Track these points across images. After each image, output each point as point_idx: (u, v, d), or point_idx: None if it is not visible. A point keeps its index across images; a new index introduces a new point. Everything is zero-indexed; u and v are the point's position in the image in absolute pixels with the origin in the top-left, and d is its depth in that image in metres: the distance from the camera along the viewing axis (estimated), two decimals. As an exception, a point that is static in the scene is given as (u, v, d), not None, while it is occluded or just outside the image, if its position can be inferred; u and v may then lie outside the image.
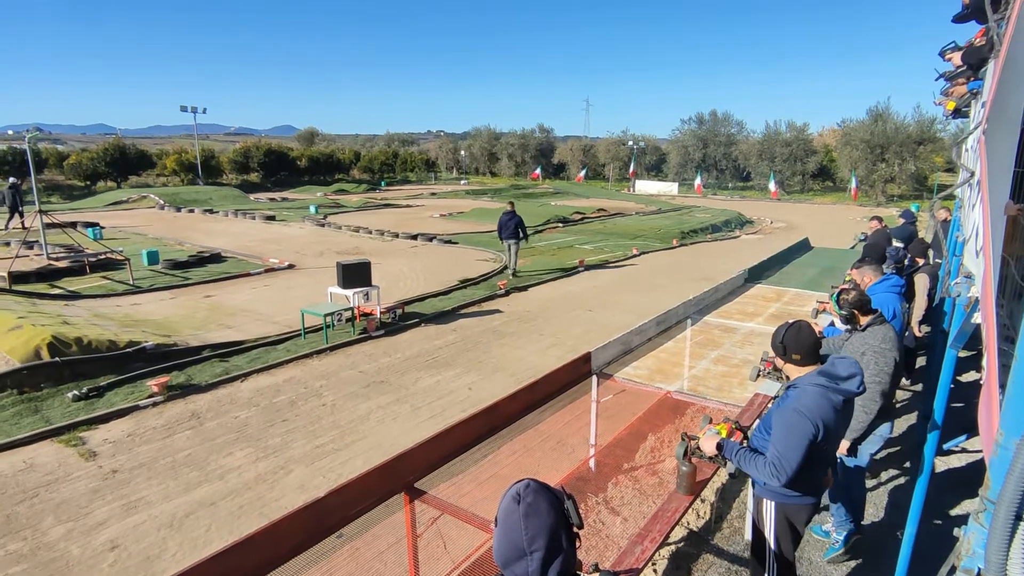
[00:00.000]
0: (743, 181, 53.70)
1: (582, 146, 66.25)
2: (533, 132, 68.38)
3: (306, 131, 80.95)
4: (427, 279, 13.71)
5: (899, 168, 42.41)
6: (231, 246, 17.83)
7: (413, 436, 6.12)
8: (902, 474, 5.42)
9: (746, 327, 6.68)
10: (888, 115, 44.17)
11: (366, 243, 19.42)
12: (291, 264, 15.24)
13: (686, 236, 22.62)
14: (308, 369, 8.10)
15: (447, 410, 6.82)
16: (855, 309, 4.16)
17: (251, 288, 12.82)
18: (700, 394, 4.84)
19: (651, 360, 5.41)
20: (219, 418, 6.57)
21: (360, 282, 10.00)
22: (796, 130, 49.97)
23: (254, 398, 7.13)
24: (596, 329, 9.96)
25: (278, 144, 56.66)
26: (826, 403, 2.52)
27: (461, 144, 74.49)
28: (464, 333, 9.78)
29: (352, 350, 8.89)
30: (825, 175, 50.00)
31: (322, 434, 6.22)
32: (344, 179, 54.02)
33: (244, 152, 48.98)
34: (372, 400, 7.08)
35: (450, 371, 8.03)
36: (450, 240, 19.57)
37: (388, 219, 26.05)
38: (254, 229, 22.68)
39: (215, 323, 10.08)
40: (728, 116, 55.38)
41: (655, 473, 4.83)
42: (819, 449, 2.54)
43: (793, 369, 2.79)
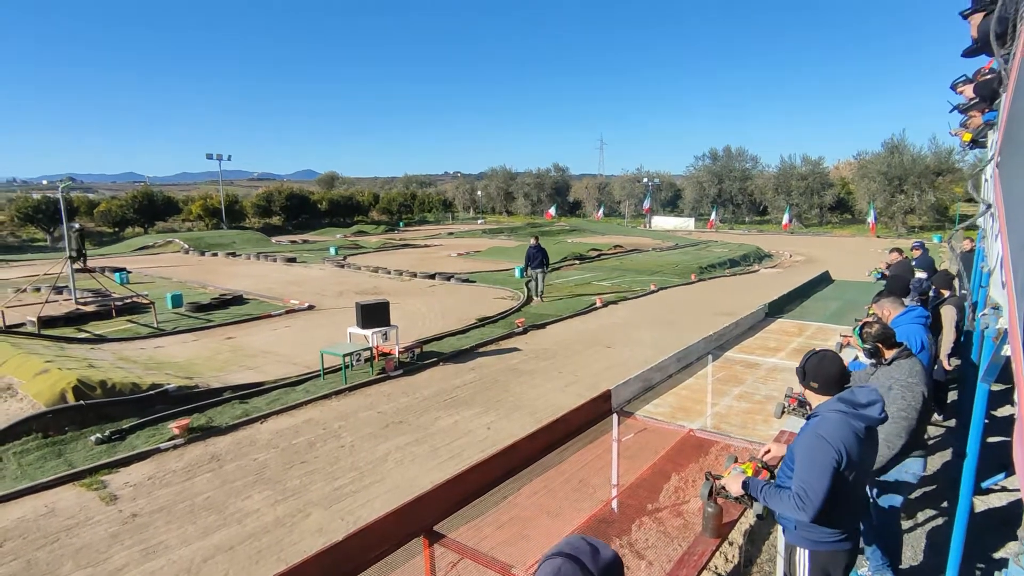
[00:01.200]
0: (760, 215, 53.57)
1: (597, 184, 66.93)
2: (548, 171, 69.30)
3: (327, 175, 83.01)
4: (445, 318, 13.76)
5: (918, 199, 42.00)
6: (253, 288, 18.13)
7: (432, 477, 6.05)
8: (939, 514, 5.19)
9: (769, 362, 6.55)
10: (904, 147, 44.02)
11: (385, 283, 19.62)
12: (311, 305, 15.42)
13: (704, 271, 22.49)
14: (327, 410, 8.09)
15: (466, 451, 6.73)
16: (879, 343, 4.07)
17: (272, 329, 12.97)
18: (724, 432, 4.72)
19: (672, 397, 5.31)
20: (238, 460, 6.56)
21: (379, 322, 10.07)
22: (811, 163, 49.94)
23: (273, 440, 7.12)
24: (616, 366, 9.85)
25: (299, 188, 58.13)
26: (847, 429, 2.48)
27: (478, 184, 75.69)
28: (482, 372, 9.73)
29: (371, 390, 8.89)
30: (843, 207, 49.69)
31: (341, 476, 6.17)
32: (363, 221, 55.06)
33: (267, 196, 50.32)
34: (391, 441, 7.03)
35: (469, 410, 7.97)
36: (468, 279, 19.69)
37: (406, 259, 26.35)
38: (275, 271, 23.08)
39: (236, 365, 10.17)
40: (742, 151, 55.67)
41: (680, 514, 4.69)
42: (845, 480, 2.47)
43: (813, 397, 2.79)
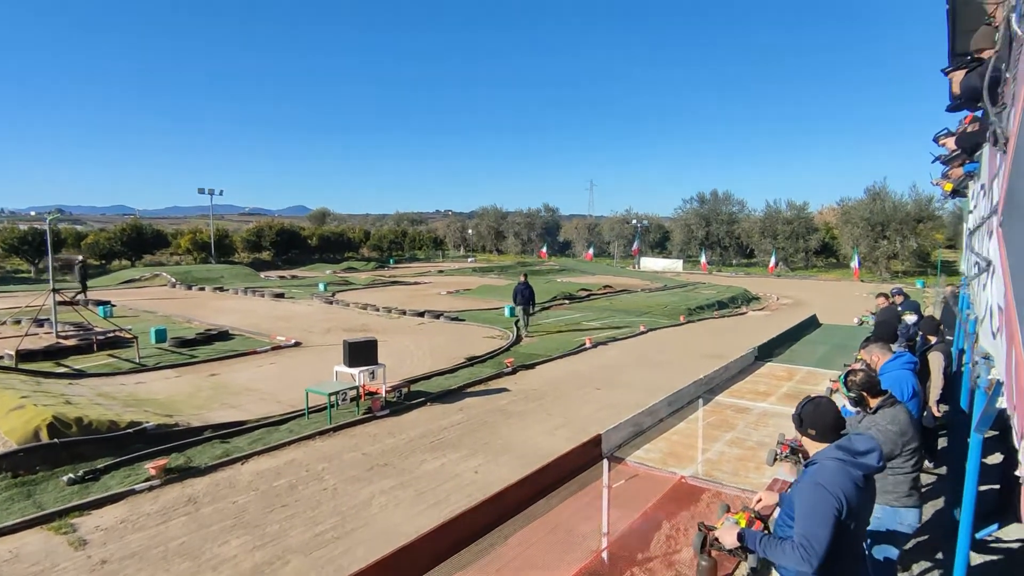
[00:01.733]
0: (747, 258, 54.27)
1: (587, 224, 67.74)
2: (539, 211, 70.18)
3: (318, 211, 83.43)
4: (434, 357, 13.62)
5: (901, 245, 42.87)
6: (239, 324, 17.92)
7: (417, 524, 5.86)
8: (935, 566, 5.09)
9: (759, 407, 6.50)
10: (886, 194, 45.19)
11: (373, 320, 19.48)
12: (298, 342, 15.23)
13: (693, 313, 22.57)
14: (310, 451, 7.89)
15: (452, 495, 6.55)
16: (864, 391, 4.07)
17: (257, 366, 12.75)
18: (715, 479, 4.64)
19: (663, 443, 5.23)
20: (216, 503, 6.33)
21: (366, 360, 9.93)
22: (796, 208, 50.99)
23: (254, 481, 6.90)
24: (605, 408, 9.74)
25: (290, 223, 58.31)
26: (846, 478, 2.45)
27: (468, 223, 76.34)
28: (470, 413, 9.58)
29: (356, 431, 8.70)
30: (828, 252, 50.53)
31: (322, 521, 5.96)
32: (353, 257, 55.06)
33: (257, 231, 50.36)
34: (375, 484, 6.84)
35: (456, 453, 7.80)
36: (457, 317, 19.60)
37: (396, 296, 26.27)
38: (263, 306, 22.87)
39: (218, 402, 9.95)
40: (729, 195, 56.78)
41: (671, 565, 4.56)
42: (846, 529, 2.42)
43: (810, 444, 2.76)
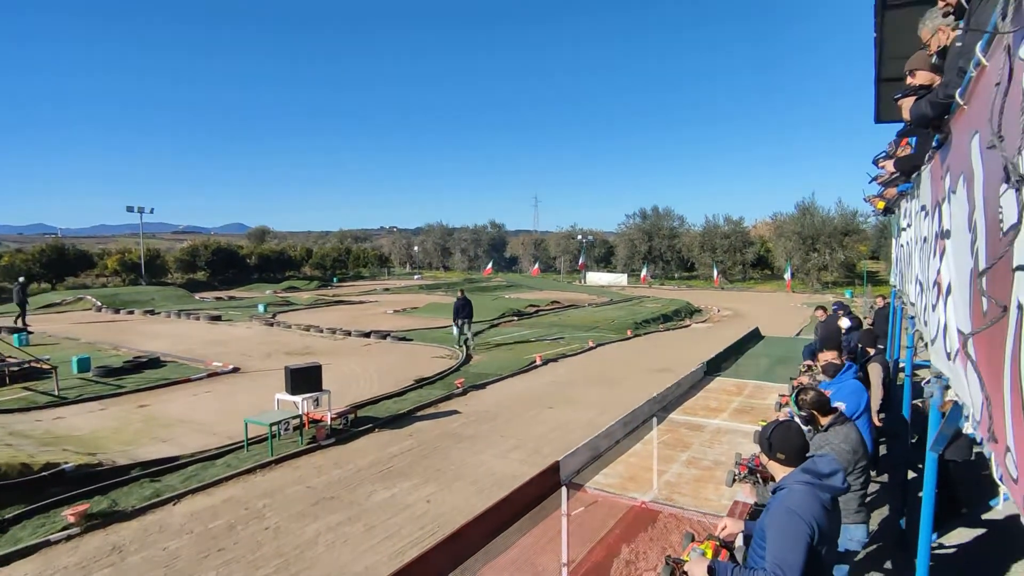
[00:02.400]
0: (688, 271, 55.93)
1: (533, 240, 68.28)
2: (485, 227, 70.33)
3: (257, 229, 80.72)
4: (381, 379, 13.22)
5: (830, 257, 45.25)
6: (172, 349, 16.93)
7: (366, 561, 5.57)
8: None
9: (713, 424, 6.56)
10: (815, 209, 47.70)
11: (317, 342, 18.82)
12: (236, 367, 14.48)
13: (639, 326, 22.95)
14: (250, 486, 7.42)
15: (404, 527, 6.27)
16: (814, 410, 4.15)
17: (191, 395, 12.02)
18: (675, 503, 4.60)
19: (621, 466, 5.16)
20: (145, 551, 5.82)
21: (310, 387, 9.49)
22: (733, 223, 53.07)
23: (187, 524, 6.40)
24: (559, 428, 9.66)
25: (228, 242, 56.03)
26: (816, 502, 2.43)
27: (414, 240, 75.64)
28: (421, 438, 9.29)
29: (300, 462, 8.26)
30: (764, 264, 52.73)
31: (264, 564, 5.56)
32: (295, 276, 53.36)
33: (192, 251, 48.08)
34: (321, 520, 6.47)
35: (406, 482, 7.51)
36: (404, 337, 19.20)
37: (340, 316, 25.53)
38: (198, 330, 21.74)
39: (148, 436, 9.27)
40: (670, 211, 58.52)
41: (633, 592, 4.45)
42: (817, 555, 2.39)
43: (777, 468, 2.71)
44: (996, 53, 1.24)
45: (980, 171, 1.68)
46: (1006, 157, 1.01)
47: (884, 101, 7.32)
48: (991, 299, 1.17)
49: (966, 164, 1.92)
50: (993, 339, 1.18)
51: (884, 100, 7.28)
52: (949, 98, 2.10)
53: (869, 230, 46.96)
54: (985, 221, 1.54)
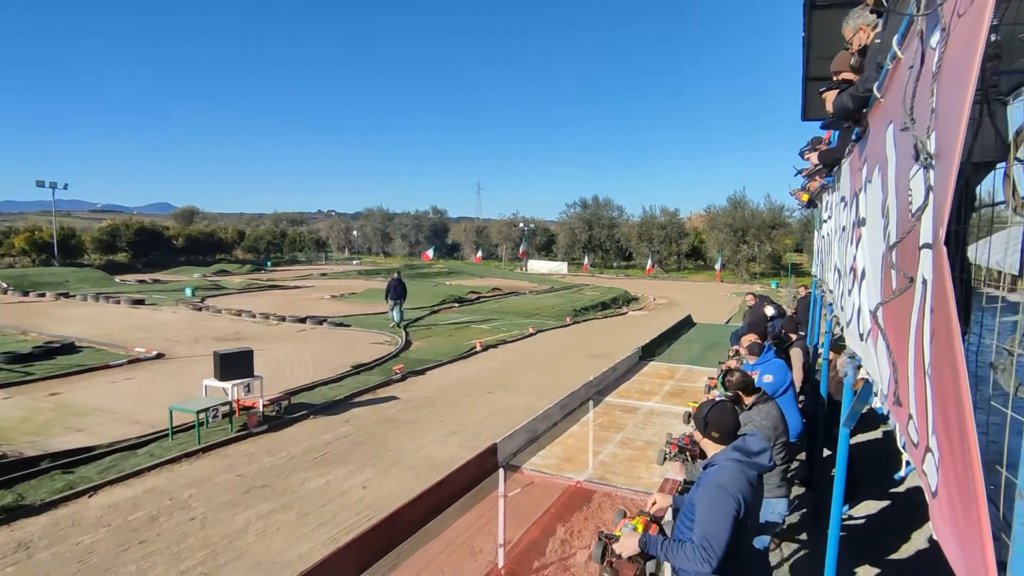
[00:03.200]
0: (626, 260, 57.25)
1: (475, 227, 68.00)
2: (427, 213, 69.47)
3: (184, 209, 76.61)
4: (317, 366, 12.88)
5: (759, 249, 47.42)
6: (89, 334, 15.88)
7: (299, 549, 5.45)
8: (800, 547, 5.55)
9: (646, 406, 6.76)
10: (745, 202, 49.78)
11: (249, 328, 18.11)
12: (160, 353, 13.75)
13: (579, 314, 23.34)
14: (175, 476, 7.08)
15: (339, 514, 6.17)
16: (739, 390, 4.37)
17: (110, 383, 11.33)
18: (609, 482, 4.72)
19: (558, 447, 5.25)
20: (56, 546, 5.46)
21: (241, 372, 9.13)
22: (669, 215, 54.65)
23: (104, 517, 6.05)
24: (498, 412, 9.72)
25: (152, 222, 52.97)
26: (743, 478, 2.54)
27: (353, 224, 73.85)
28: (357, 424, 9.13)
29: (229, 450, 7.96)
30: (697, 255, 54.64)
31: (189, 556, 5.34)
32: (226, 259, 51.08)
33: (111, 231, 45.17)
34: (252, 509, 6.26)
35: (342, 468, 7.37)
36: (342, 323, 18.76)
37: (274, 301, 24.66)
38: (118, 315, 20.49)
39: (60, 426, 8.68)
40: (609, 201, 59.57)
41: (567, 569, 4.55)
42: (743, 527, 2.51)
43: (710, 445, 2.82)
44: (911, 43, 1.31)
45: (893, 159, 1.78)
46: (916, 136, 1.07)
47: (811, 99, 7.69)
48: (900, 271, 1.25)
49: (881, 154, 2.04)
50: (900, 309, 1.26)
51: (811, 98, 7.65)
52: (868, 92, 2.22)
53: (794, 224, 49.43)
54: (897, 205, 1.63)
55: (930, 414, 1.09)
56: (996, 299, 1.36)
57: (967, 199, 1.91)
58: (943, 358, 0.99)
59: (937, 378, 1.05)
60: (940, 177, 0.96)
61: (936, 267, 0.96)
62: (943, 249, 0.89)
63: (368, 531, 3.06)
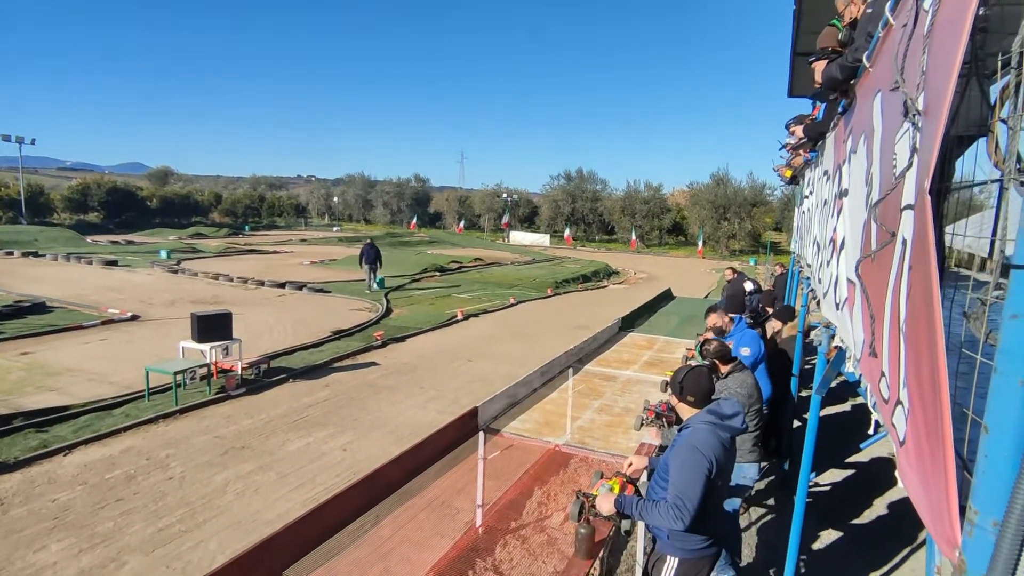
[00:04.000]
0: (608, 234, 57.39)
1: (458, 197, 67.37)
2: (409, 181, 68.52)
3: (159, 169, 74.62)
4: (296, 331, 12.80)
5: (739, 226, 47.85)
6: (60, 294, 15.54)
7: (279, 509, 5.49)
8: (768, 512, 5.75)
9: (624, 375, 6.88)
10: (727, 179, 50.02)
11: (226, 291, 17.88)
12: (135, 315, 13.54)
13: (559, 285, 23.45)
14: (152, 437, 7.05)
15: (319, 475, 6.22)
16: (716, 359, 4.47)
17: (83, 343, 11.15)
18: (587, 446, 4.82)
19: (538, 413, 5.33)
20: (30, 503, 5.44)
21: (219, 335, 9.05)
22: (652, 189, 54.71)
23: (80, 475, 6.02)
24: (477, 380, 9.80)
25: (125, 182, 51.48)
26: (716, 440, 2.61)
27: (334, 190, 72.66)
28: (337, 388, 9.14)
29: (207, 412, 7.93)
30: (679, 231, 54.97)
31: (167, 514, 5.36)
32: (202, 222, 50.05)
33: (82, 189, 43.85)
34: (230, 469, 6.28)
35: (322, 431, 7.40)
36: (322, 288, 18.61)
37: (252, 266, 24.32)
38: (90, 275, 20.05)
39: (32, 386, 8.55)
40: (593, 174, 59.34)
41: (543, 530, 4.67)
42: (714, 487, 2.60)
43: (686, 409, 2.89)
44: (904, 6, 1.32)
45: (879, 127, 1.80)
46: (906, 93, 1.09)
47: (798, 75, 7.69)
48: (882, 226, 1.29)
49: (867, 123, 2.06)
50: (880, 268, 1.30)
51: (798, 74, 7.64)
52: (857, 61, 2.24)
53: (775, 202, 49.91)
54: (881, 172, 1.66)
55: (902, 368, 1.13)
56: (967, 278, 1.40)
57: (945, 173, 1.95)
58: (920, 313, 1.02)
59: (912, 333, 1.09)
60: (926, 134, 0.98)
61: (918, 222, 0.99)
62: (927, 200, 0.92)
63: (349, 488, 3.10)
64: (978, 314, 0.85)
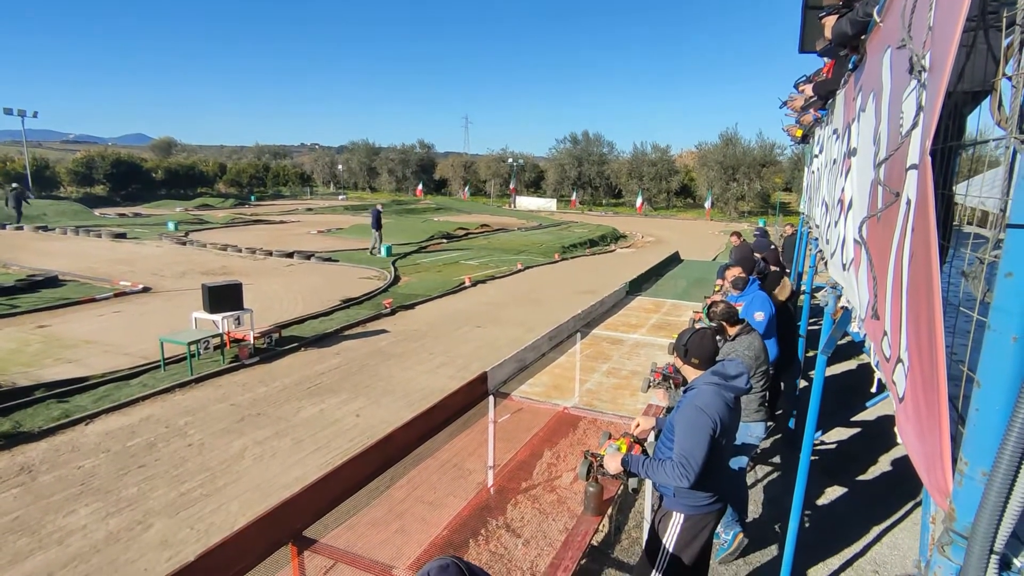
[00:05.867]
0: (615, 198, 56.86)
1: (463, 162, 66.71)
2: (413, 147, 67.82)
3: (162, 140, 74.32)
4: (306, 300, 12.93)
5: (748, 187, 47.22)
6: (72, 268, 15.71)
7: (295, 473, 5.65)
8: (773, 470, 5.86)
9: (632, 338, 6.94)
10: (737, 139, 49.08)
11: (235, 262, 18.00)
12: (146, 287, 13.69)
13: (567, 250, 23.40)
14: (170, 405, 7.23)
15: (333, 440, 6.37)
16: (724, 321, 4.50)
17: (97, 315, 11.32)
18: (595, 408, 4.90)
19: (546, 376, 5.41)
20: (57, 470, 5.63)
21: (230, 305, 9.16)
22: (660, 151, 53.87)
23: (103, 443, 6.21)
24: (486, 345, 9.90)
25: (128, 154, 51.26)
26: (720, 400, 2.66)
27: (338, 158, 72.10)
28: (349, 356, 9.28)
29: (222, 381, 8.09)
30: (687, 193, 54.35)
31: (188, 479, 5.54)
32: (208, 193, 49.96)
33: (87, 162, 43.69)
34: (247, 436, 6.45)
35: (335, 398, 7.55)
36: (330, 258, 18.69)
37: (260, 236, 24.39)
38: (100, 248, 20.21)
39: (51, 357, 8.74)
40: (599, 137, 58.37)
41: (553, 490, 4.80)
42: (718, 446, 2.66)
43: (691, 371, 2.93)
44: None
45: (888, 85, 1.78)
46: (912, 49, 1.08)
47: (809, 29, 7.48)
48: (887, 186, 1.29)
49: (877, 80, 2.03)
50: (884, 229, 1.30)
51: (809, 28, 7.44)
52: (868, 16, 2.19)
53: (785, 163, 49.12)
54: (888, 131, 1.65)
55: (903, 327, 1.15)
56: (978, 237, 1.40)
57: (957, 129, 1.92)
58: (920, 272, 1.04)
59: (913, 294, 1.10)
60: (931, 90, 0.97)
61: (920, 182, 0.99)
62: (927, 160, 0.92)
63: (364, 451, 3.19)
64: (976, 272, 0.87)
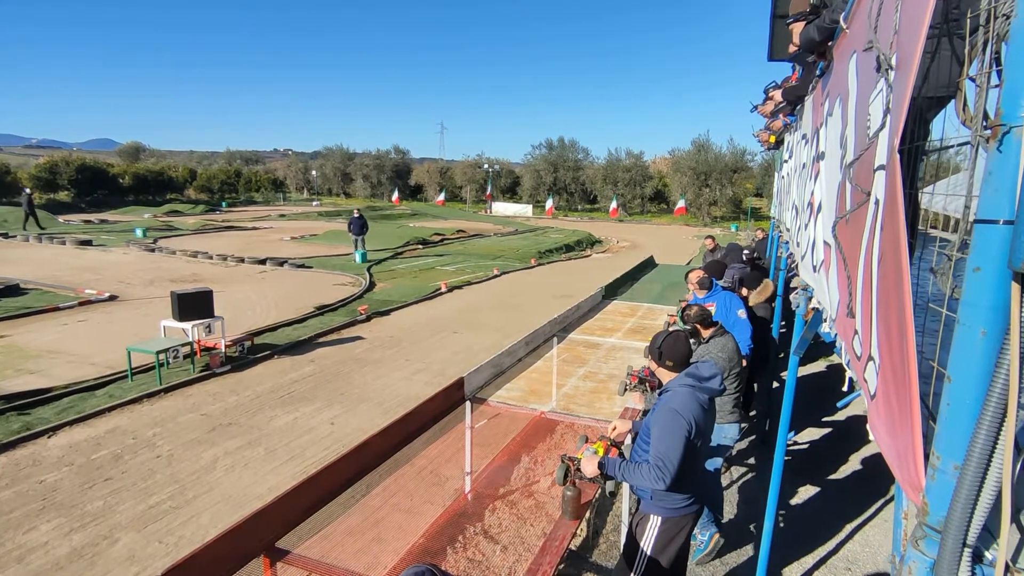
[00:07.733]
0: (590, 203, 57.27)
1: (439, 168, 66.54)
2: (388, 153, 67.43)
3: (129, 145, 72.58)
4: (279, 307, 12.71)
5: (720, 193, 48.02)
6: (34, 276, 15.20)
7: (269, 483, 5.54)
8: (748, 471, 5.93)
9: (608, 342, 6.97)
10: (709, 146, 49.92)
11: (206, 269, 17.64)
12: (113, 295, 13.32)
13: (543, 256, 23.46)
14: (137, 416, 7.03)
15: (307, 449, 6.26)
16: (697, 323, 4.55)
17: (61, 324, 10.97)
18: (572, 412, 4.90)
19: (523, 381, 5.40)
20: (16, 486, 5.42)
21: (200, 313, 8.96)
22: (634, 157, 54.47)
23: (66, 456, 6.00)
24: (463, 351, 9.85)
25: (94, 159, 49.98)
26: (695, 401, 2.68)
27: (312, 164, 71.32)
28: (323, 363, 9.14)
29: (192, 390, 7.90)
30: (661, 198, 55.01)
31: (157, 491, 5.38)
32: (178, 199, 48.92)
33: (50, 167, 42.48)
34: (218, 446, 6.29)
35: (309, 406, 7.43)
36: (303, 264, 18.43)
37: (232, 243, 23.96)
38: (64, 255, 19.62)
39: (11, 369, 8.44)
40: (575, 143, 58.83)
41: (531, 495, 4.78)
42: (694, 448, 2.67)
43: (665, 374, 2.95)
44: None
45: (855, 88, 1.82)
46: (879, 49, 1.10)
47: (778, 38, 7.65)
48: (856, 187, 1.31)
49: (843, 85, 2.07)
50: (855, 229, 1.33)
51: (778, 37, 7.60)
52: (834, 23, 2.24)
53: (756, 168, 50.07)
54: (855, 134, 1.68)
55: (874, 324, 1.17)
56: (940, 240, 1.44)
57: (923, 133, 1.97)
58: (889, 269, 1.05)
59: (883, 290, 1.12)
60: (898, 89, 0.99)
61: (889, 181, 1.01)
62: (896, 159, 0.94)
63: (339, 459, 3.13)
64: (944, 269, 0.88)
